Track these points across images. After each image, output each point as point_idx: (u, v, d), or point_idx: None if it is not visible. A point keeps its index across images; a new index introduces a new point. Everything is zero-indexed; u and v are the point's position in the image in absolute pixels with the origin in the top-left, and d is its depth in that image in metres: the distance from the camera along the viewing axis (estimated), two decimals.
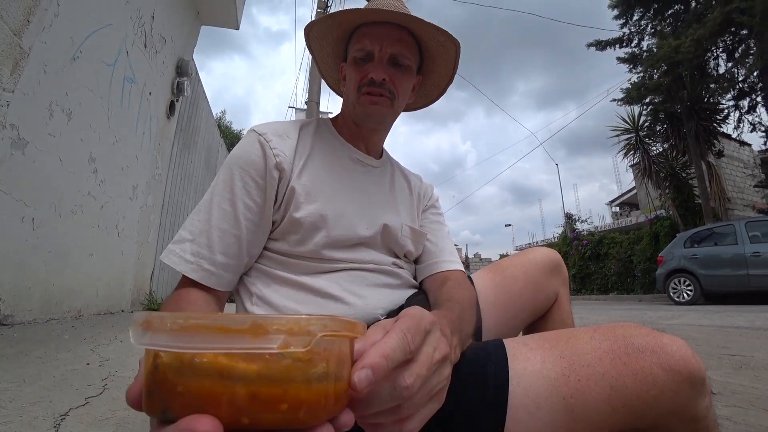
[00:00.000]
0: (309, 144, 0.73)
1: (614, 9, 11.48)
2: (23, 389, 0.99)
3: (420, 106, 0.91)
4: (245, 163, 0.66)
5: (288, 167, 0.67)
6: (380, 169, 0.82)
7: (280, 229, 0.67)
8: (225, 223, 0.63)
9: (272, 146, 0.67)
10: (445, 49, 0.76)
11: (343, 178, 0.74)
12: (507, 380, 0.47)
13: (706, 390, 0.44)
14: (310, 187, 0.68)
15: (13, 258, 1.97)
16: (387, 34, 0.71)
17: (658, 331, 0.45)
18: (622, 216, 19.67)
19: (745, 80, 10.23)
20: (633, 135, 11.35)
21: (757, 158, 11.93)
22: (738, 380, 1.42)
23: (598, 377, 0.43)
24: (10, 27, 1.74)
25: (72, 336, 1.82)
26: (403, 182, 0.87)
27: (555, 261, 0.88)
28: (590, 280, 13.54)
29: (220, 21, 4.87)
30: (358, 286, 0.67)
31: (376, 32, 0.72)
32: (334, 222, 0.67)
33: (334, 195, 0.70)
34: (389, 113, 0.75)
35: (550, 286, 0.86)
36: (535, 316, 0.88)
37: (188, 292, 0.60)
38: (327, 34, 0.79)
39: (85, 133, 2.55)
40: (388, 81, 0.71)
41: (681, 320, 3.85)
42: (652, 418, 0.43)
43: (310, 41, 0.80)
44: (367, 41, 0.71)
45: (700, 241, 7.06)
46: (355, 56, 0.73)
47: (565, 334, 0.50)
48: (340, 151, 0.77)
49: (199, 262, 0.61)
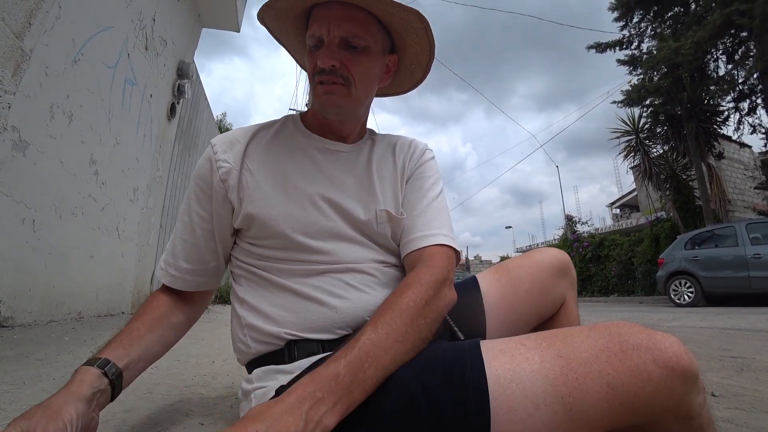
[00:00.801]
0: (264, 145, 0.72)
1: (614, 11, 11.50)
2: (23, 391, 0.99)
3: (406, 88, 0.85)
4: (197, 176, 0.72)
5: (234, 175, 0.68)
6: (354, 153, 0.76)
7: (251, 233, 0.69)
8: (185, 233, 0.73)
9: (218, 158, 0.69)
10: (407, 22, 0.67)
11: (303, 171, 0.70)
12: (485, 382, 0.46)
13: (700, 386, 0.45)
14: (264, 187, 0.68)
15: (13, 260, 1.98)
16: (334, 14, 0.64)
17: (651, 329, 0.46)
18: (622, 218, 19.65)
19: (745, 82, 10.24)
20: (633, 137, 11.36)
21: (757, 160, 11.93)
22: (739, 382, 1.41)
23: (596, 375, 0.43)
24: (12, 29, 1.75)
25: (72, 338, 1.82)
26: (388, 158, 0.79)
27: (563, 262, 0.85)
28: (591, 282, 13.53)
29: (221, 23, 4.88)
30: (342, 289, 0.65)
31: (324, 14, 0.65)
32: (289, 218, 0.66)
33: (291, 191, 0.68)
34: (346, 102, 0.68)
35: (557, 288, 0.83)
36: (541, 318, 0.85)
37: (157, 295, 0.73)
38: (283, 25, 0.73)
39: (86, 135, 2.55)
40: (338, 67, 0.65)
41: (682, 322, 3.85)
42: (648, 415, 0.43)
43: (274, 33, 0.75)
44: (316, 26, 0.65)
45: (701, 243, 7.05)
46: (308, 44, 0.68)
47: (562, 333, 0.50)
48: (303, 144, 0.74)
49: (167, 269, 0.73)
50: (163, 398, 1.05)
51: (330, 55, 0.64)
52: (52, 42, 2.08)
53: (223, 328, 2.78)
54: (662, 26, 11.12)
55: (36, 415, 0.49)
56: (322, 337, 0.63)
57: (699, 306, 6.53)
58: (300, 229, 0.66)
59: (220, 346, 1.98)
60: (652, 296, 10.30)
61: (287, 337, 0.63)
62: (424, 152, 0.83)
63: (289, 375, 0.59)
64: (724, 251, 6.59)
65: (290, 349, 0.62)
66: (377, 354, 0.49)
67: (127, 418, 0.88)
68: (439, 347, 0.55)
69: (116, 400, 0.61)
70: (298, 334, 0.63)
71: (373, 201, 0.73)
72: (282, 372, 0.61)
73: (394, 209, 0.74)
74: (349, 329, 0.64)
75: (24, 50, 1.84)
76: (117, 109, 2.93)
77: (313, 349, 0.62)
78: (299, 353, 0.61)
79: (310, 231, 0.67)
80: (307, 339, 0.63)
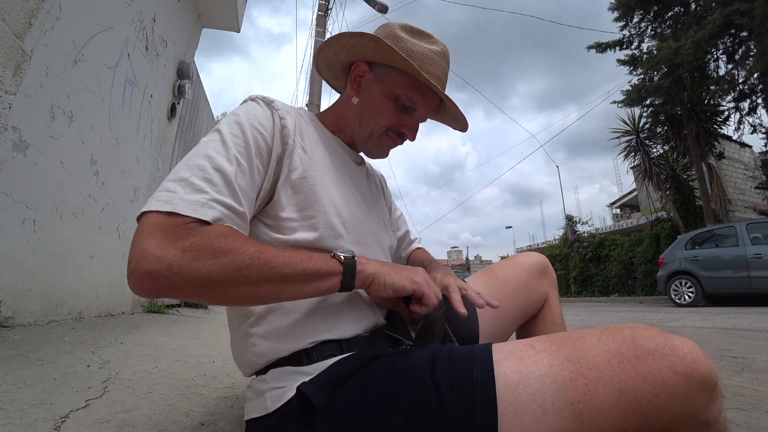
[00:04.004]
0: (307, 129, 0.73)
1: (614, 11, 11.49)
2: (24, 391, 0.99)
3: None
4: (257, 124, 0.63)
5: (290, 143, 0.66)
6: (362, 166, 0.87)
7: (285, 213, 0.63)
8: (241, 178, 0.58)
9: (281, 116, 0.67)
10: (455, 121, 0.83)
11: (342, 169, 0.75)
12: (494, 384, 0.46)
13: (718, 393, 0.43)
14: (318, 168, 0.68)
15: (14, 260, 1.98)
16: (432, 103, 0.76)
17: (668, 333, 0.44)
18: (622, 218, 19.66)
19: (745, 82, 10.24)
20: (633, 137, 11.35)
21: (757, 160, 11.91)
22: (740, 382, 1.41)
23: (607, 381, 0.42)
24: (13, 30, 1.75)
25: (72, 338, 1.82)
26: (374, 177, 0.93)
27: (543, 264, 0.95)
28: (591, 282, 13.52)
29: (222, 23, 4.88)
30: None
31: (430, 97, 0.74)
32: (339, 205, 0.67)
33: (341, 184, 0.71)
34: None
35: (540, 287, 0.92)
36: (527, 316, 0.93)
37: (228, 229, 0.53)
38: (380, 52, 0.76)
39: (87, 135, 2.55)
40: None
41: (682, 322, 3.84)
42: (662, 423, 0.41)
43: (328, 64, 0.82)
44: (420, 100, 0.74)
45: (701, 243, 7.05)
46: (403, 103, 0.73)
47: (572, 335, 0.49)
48: (333, 143, 0.79)
49: (232, 217, 0.55)
50: (163, 398, 1.05)
51: (416, 131, 0.78)
52: (53, 42, 2.08)
53: (223, 328, 2.78)
54: (662, 26, 11.11)
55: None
56: (339, 336, 0.62)
57: (699, 306, 6.53)
58: (345, 220, 0.67)
59: (220, 346, 1.98)
60: (652, 296, 10.30)
61: (309, 347, 0.60)
62: (386, 180, 1.02)
63: (308, 376, 0.58)
64: (725, 251, 6.59)
65: (308, 353, 0.60)
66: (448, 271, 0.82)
67: (127, 418, 0.88)
68: (453, 348, 0.56)
69: (116, 400, 0.61)
70: (317, 339, 0.61)
71: (381, 211, 0.84)
72: (301, 373, 0.59)
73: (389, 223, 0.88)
74: (366, 323, 0.66)
75: (24, 50, 1.84)
76: (117, 110, 2.94)
77: (332, 350, 0.60)
78: (318, 356, 0.60)
79: (351, 224, 0.68)
80: (325, 341, 0.61)
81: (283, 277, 0.51)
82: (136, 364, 1.42)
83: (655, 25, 11.25)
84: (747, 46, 9.82)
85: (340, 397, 0.52)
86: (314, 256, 0.55)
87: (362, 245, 0.69)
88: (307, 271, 0.53)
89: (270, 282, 0.51)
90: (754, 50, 9.30)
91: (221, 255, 0.48)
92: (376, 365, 0.55)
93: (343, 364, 0.57)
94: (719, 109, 10.47)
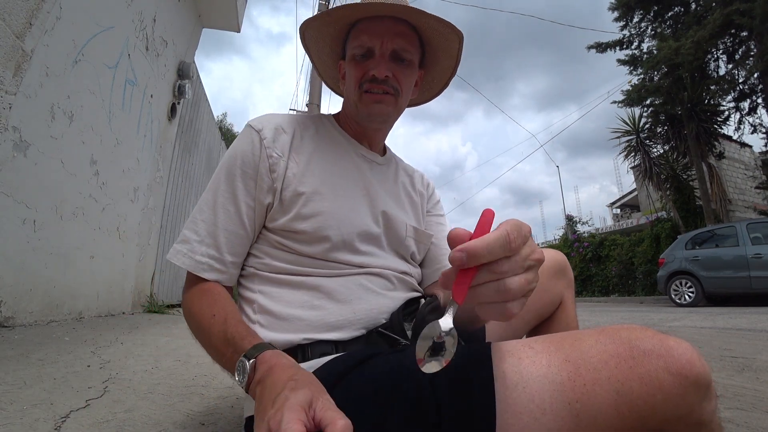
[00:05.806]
0: (311, 140, 0.72)
1: (614, 11, 11.50)
2: (24, 391, 0.99)
3: (422, 100, 0.89)
4: (242, 162, 0.67)
5: (282, 166, 0.66)
6: (385, 167, 0.81)
7: (288, 228, 0.66)
8: (231, 223, 0.66)
9: (267, 145, 0.67)
10: (448, 41, 0.73)
11: (352, 174, 0.73)
12: (492, 383, 0.46)
13: (712, 393, 0.43)
14: (317, 185, 0.67)
15: (14, 260, 1.98)
16: (387, 28, 0.68)
17: (664, 334, 0.44)
18: (623, 218, 19.66)
19: (745, 82, 10.24)
20: (633, 137, 11.35)
21: (757, 160, 11.91)
22: (740, 382, 1.41)
23: (604, 381, 0.42)
24: (13, 30, 1.75)
25: (73, 338, 1.82)
26: (407, 180, 0.86)
27: (560, 263, 0.86)
28: (591, 282, 13.51)
29: (222, 24, 4.89)
30: (363, 291, 0.67)
31: (376, 27, 0.69)
32: (342, 219, 0.67)
33: (342, 192, 0.69)
34: (393, 111, 0.73)
35: (555, 288, 0.85)
36: (539, 318, 0.86)
37: (213, 286, 0.65)
38: (324, 32, 0.76)
39: (87, 135, 2.55)
40: (391, 78, 0.69)
41: (683, 322, 3.84)
42: (657, 422, 0.42)
43: (306, 41, 0.78)
44: (366, 37, 0.69)
45: (702, 243, 7.05)
46: (354, 53, 0.71)
47: (570, 336, 0.49)
48: (346, 148, 0.76)
49: (211, 262, 0.65)
50: (163, 398, 1.05)
51: (385, 66, 0.68)
52: (53, 42, 2.08)
53: None
54: (662, 26, 11.12)
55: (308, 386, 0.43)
56: (337, 337, 0.63)
57: (700, 306, 6.52)
58: (345, 231, 0.67)
59: None
60: (652, 296, 10.29)
61: (304, 343, 0.62)
62: (434, 190, 0.93)
63: None
64: (725, 251, 6.59)
65: (304, 350, 0.61)
66: None
67: (128, 418, 0.88)
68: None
69: (116, 400, 0.62)
70: (313, 337, 0.62)
71: (404, 214, 0.78)
72: None
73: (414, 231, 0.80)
74: (363, 330, 0.65)
75: (25, 51, 1.84)
76: (117, 110, 2.94)
77: (327, 350, 0.61)
78: (313, 353, 0.61)
79: (354, 234, 0.67)
80: (321, 340, 0.62)
81: (214, 352, 0.59)
82: (136, 364, 1.42)
83: (655, 25, 11.25)
84: (747, 45, 9.82)
85: (335, 395, 0.52)
86: (237, 343, 0.54)
87: (355, 251, 0.68)
88: (224, 358, 0.57)
89: (208, 348, 0.60)
90: (754, 50, 9.30)
91: (189, 317, 0.63)
92: (372, 364, 0.55)
93: (338, 362, 0.57)
94: (719, 109, 10.47)
